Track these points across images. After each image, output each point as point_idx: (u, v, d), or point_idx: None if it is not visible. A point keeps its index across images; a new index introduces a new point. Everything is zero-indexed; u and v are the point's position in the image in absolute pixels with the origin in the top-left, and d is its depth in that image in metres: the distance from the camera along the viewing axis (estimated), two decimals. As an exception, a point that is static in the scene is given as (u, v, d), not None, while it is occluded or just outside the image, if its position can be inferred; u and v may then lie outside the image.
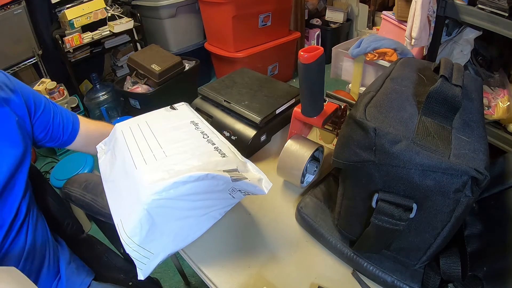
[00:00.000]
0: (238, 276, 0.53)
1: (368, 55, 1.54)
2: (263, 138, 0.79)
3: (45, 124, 0.62)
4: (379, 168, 0.41)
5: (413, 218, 0.41)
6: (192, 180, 0.46)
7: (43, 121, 0.62)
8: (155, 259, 0.49)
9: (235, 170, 0.52)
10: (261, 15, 2.04)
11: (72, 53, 2.02)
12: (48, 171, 1.87)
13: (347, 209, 0.50)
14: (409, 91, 0.47)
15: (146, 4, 2.19)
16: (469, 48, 1.50)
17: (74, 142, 0.67)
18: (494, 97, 1.40)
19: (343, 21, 2.69)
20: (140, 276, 0.47)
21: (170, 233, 0.50)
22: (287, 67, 2.44)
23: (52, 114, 0.63)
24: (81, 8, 1.94)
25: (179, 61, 1.89)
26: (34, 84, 1.99)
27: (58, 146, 0.68)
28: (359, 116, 0.42)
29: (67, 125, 0.66)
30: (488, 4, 1.21)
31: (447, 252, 0.46)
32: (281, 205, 0.65)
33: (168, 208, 0.47)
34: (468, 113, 0.45)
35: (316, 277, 0.52)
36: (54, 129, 0.64)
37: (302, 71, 0.54)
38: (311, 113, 0.62)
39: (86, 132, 0.69)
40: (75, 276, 0.60)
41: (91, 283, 0.62)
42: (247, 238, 0.59)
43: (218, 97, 0.81)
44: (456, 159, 0.37)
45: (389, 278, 0.48)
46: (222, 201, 0.58)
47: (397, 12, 1.66)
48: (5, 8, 1.79)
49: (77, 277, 0.60)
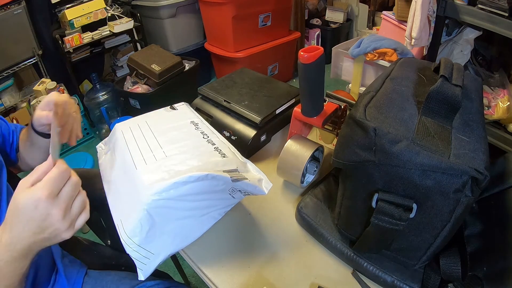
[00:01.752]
0: (238, 276, 0.53)
1: (368, 55, 1.55)
2: (263, 138, 0.79)
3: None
4: (379, 168, 0.41)
5: (413, 218, 0.41)
6: (192, 180, 0.46)
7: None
8: (155, 259, 0.49)
9: (235, 170, 0.52)
10: (261, 15, 2.04)
11: (72, 53, 2.02)
12: (48, 171, 1.87)
13: (347, 209, 0.50)
14: (409, 91, 0.47)
15: (146, 4, 2.19)
16: (469, 48, 1.50)
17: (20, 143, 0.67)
18: (494, 97, 1.40)
19: (343, 21, 2.69)
20: (141, 277, 0.47)
21: (170, 233, 0.50)
22: (287, 67, 2.45)
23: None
24: (81, 8, 1.94)
25: (179, 61, 1.89)
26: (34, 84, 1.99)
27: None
28: (359, 116, 0.42)
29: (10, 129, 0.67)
30: (488, 4, 1.21)
31: (447, 252, 0.46)
32: (281, 205, 0.65)
33: (168, 208, 0.47)
34: (468, 113, 0.45)
35: (316, 277, 0.52)
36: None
37: (302, 71, 0.54)
38: (311, 113, 0.62)
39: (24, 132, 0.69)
40: (70, 268, 0.61)
41: (87, 272, 0.63)
42: (247, 238, 0.59)
43: (218, 97, 0.81)
44: (456, 159, 0.37)
45: (389, 278, 0.48)
46: (222, 201, 0.58)
47: (397, 12, 1.66)
48: (5, 8, 1.79)
49: (72, 269, 0.61)
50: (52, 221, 0.39)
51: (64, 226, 0.40)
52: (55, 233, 0.40)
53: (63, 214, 0.39)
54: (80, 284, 0.60)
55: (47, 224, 0.39)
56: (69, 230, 0.40)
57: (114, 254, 0.75)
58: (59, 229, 0.40)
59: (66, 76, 2.09)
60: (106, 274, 0.63)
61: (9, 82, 2.00)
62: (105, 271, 0.65)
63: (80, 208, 0.42)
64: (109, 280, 0.62)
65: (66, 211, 0.40)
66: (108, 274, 0.64)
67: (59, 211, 0.39)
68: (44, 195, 0.38)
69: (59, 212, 0.39)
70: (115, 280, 0.61)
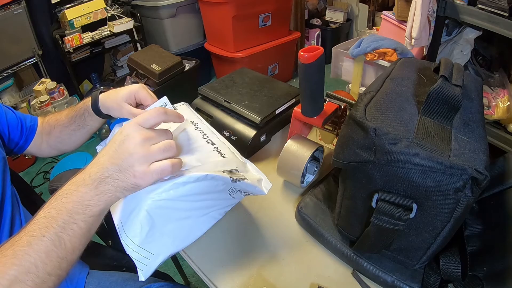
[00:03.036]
0: (238, 276, 0.53)
1: (368, 55, 1.55)
2: (263, 138, 0.79)
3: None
4: (379, 168, 0.41)
5: (413, 218, 0.41)
6: (192, 180, 0.46)
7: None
8: (155, 260, 0.49)
9: (234, 171, 0.52)
10: (261, 15, 2.04)
11: (72, 53, 2.02)
12: (48, 171, 1.87)
13: (347, 209, 0.50)
14: (409, 91, 0.47)
15: (146, 4, 2.19)
16: (469, 48, 1.50)
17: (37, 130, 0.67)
18: (494, 97, 1.40)
19: (343, 21, 2.69)
20: (141, 277, 0.47)
21: (170, 233, 0.50)
22: (287, 67, 2.45)
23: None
24: (81, 8, 1.94)
25: (179, 61, 1.89)
26: (34, 84, 1.99)
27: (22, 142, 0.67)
28: (359, 116, 0.42)
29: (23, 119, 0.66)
30: (488, 4, 1.21)
31: (447, 252, 0.46)
32: (281, 205, 0.65)
33: (168, 209, 0.47)
34: (468, 113, 0.45)
35: (316, 277, 0.52)
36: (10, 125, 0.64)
37: (302, 71, 0.54)
38: (311, 113, 0.62)
39: (42, 120, 0.68)
40: (73, 268, 0.61)
41: (89, 272, 0.63)
42: (247, 238, 0.59)
43: (218, 97, 0.81)
44: (456, 159, 0.37)
45: (389, 278, 0.48)
46: (222, 201, 0.58)
47: (397, 12, 1.66)
48: (5, 8, 1.79)
49: (74, 269, 0.61)
50: (129, 145, 0.39)
51: (138, 154, 0.39)
52: (128, 163, 0.39)
53: (142, 140, 0.39)
54: (83, 285, 0.60)
55: (123, 149, 0.39)
56: (142, 165, 0.39)
57: (116, 255, 0.74)
58: (133, 156, 0.39)
59: (66, 76, 2.10)
60: (110, 275, 0.63)
61: (9, 82, 2.00)
62: (108, 271, 0.64)
63: (161, 150, 0.41)
64: (113, 281, 0.61)
65: (145, 140, 0.40)
66: (112, 275, 0.63)
67: (139, 136, 0.39)
68: (134, 120, 0.39)
69: (139, 136, 0.39)
70: (119, 282, 0.61)
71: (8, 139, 0.64)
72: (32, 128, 0.67)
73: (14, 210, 0.57)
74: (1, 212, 0.53)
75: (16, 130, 0.64)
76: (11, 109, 0.66)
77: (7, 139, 0.64)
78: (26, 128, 0.66)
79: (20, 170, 1.88)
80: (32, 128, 0.67)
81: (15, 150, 0.67)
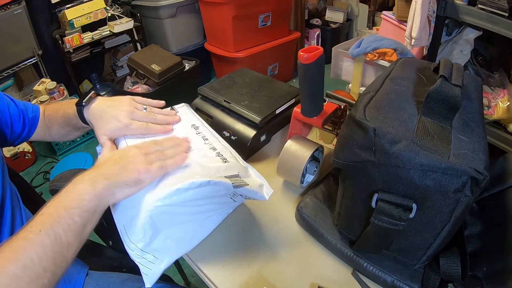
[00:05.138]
0: (238, 276, 0.53)
1: (368, 55, 1.55)
2: (263, 138, 0.79)
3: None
4: (379, 168, 0.41)
5: (413, 218, 0.41)
6: (194, 186, 0.46)
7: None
8: (160, 264, 0.49)
9: (236, 176, 0.52)
10: (261, 15, 2.04)
11: (72, 53, 2.02)
12: (48, 171, 1.87)
13: (347, 209, 0.50)
14: (408, 91, 0.47)
15: (146, 4, 2.19)
16: (469, 48, 1.50)
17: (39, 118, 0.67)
18: (494, 97, 1.40)
19: (343, 21, 2.69)
20: (147, 284, 0.47)
21: (173, 237, 0.50)
22: (287, 67, 2.45)
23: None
24: (81, 8, 1.94)
25: (179, 61, 1.89)
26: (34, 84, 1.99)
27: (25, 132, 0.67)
28: (359, 116, 0.42)
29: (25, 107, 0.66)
30: (488, 4, 1.21)
31: (447, 252, 0.46)
32: (281, 205, 0.65)
33: (171, 214, 0.47)
34: (468, 113, 0.45)
35: (316, 277, 0.52)
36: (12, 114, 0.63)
37: (302, 71, 0.54)
38: (311, 113, 0.62)
39: (43, 111, 0.68)
40: (71, 268, 0.61)
41: (88, 272, 0.63)
42: (247, 238, 0.59)
43: (218, 97, 0.81)
44: (455, 159, 0.37)
45: (389, 278, 0.48)
46: (224, 204, 0.58)
47: (397, 12, 1.66)
48: (5, 8, 1.79)
49: (73, 269, 0.61)
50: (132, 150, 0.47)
51: (140, 151, 0.47)
52: (130, 160, 0.46)
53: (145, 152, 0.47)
54: (81, 285, 0.59)
55: (127, 149, 0.47)
56: (143, 163, 0.46)
57: (116, 255, 0.74)
58: (136, 156, 0.46)
59: (66, 76, 2.10)
60: (108, 275, 0.63)
61: (9, 82, 2.00)
62: (106, 272, 0.64)
63: (160, 153, 0.49)
64: (111, 282, 0.61)
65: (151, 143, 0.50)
66: (110, 276, 0.63)
67: (142, 150, 0.48)
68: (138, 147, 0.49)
69: (141, 150, 0.48)
70: (117, 283, 0.61)
71: (10, 131, 0.64)
72: (34, 119, 0.67)
73: (15, 209, 0.57)
74: (2, 210, 0.53)
75: (19, 122, 0.64)
76: (13, 100, 0.66)
77: (10, 132, 0.64)
78: (29, 119, 0.66)
79: (20, 170, 1.88)
80: (34, 119, 0.67)
81: (18, 141, 0.67)
